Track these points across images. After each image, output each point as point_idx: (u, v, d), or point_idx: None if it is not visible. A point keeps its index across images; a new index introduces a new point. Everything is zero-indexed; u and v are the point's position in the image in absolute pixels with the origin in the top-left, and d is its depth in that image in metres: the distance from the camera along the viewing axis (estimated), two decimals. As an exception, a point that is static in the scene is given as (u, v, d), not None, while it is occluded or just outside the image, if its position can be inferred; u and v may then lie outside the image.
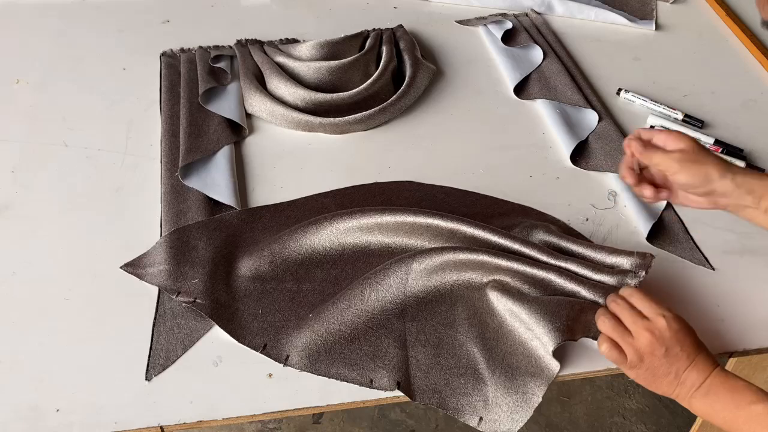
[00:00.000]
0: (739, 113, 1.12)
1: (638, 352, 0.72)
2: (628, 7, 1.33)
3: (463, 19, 1.29)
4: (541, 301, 0.77)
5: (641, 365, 0.72)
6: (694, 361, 0.71)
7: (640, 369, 0.72)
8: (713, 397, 0.70)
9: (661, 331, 0.72)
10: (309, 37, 1.21)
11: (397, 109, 1.09)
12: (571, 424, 1.57)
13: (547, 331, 0.75)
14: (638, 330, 0.72)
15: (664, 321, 0.72)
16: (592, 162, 1.02)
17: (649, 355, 0.71)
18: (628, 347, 0.72)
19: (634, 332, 0.73)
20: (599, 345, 0.74)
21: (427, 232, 0.87)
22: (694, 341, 0.73)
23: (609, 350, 0.73)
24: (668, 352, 0.71)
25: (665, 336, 0.71)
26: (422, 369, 0.78)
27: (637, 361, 0.72)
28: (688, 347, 0.72)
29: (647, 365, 0.72)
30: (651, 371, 0.72)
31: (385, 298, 0.82)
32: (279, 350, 0.79)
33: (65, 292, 0.84)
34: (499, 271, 0.82)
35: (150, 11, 1.28)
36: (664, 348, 0.71)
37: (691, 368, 0.71)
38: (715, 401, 0.70)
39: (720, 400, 0.70)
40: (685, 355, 0.71)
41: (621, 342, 0.73)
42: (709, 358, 0.72)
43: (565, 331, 0.74)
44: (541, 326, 0.75)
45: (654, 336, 0.71)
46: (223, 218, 0.91)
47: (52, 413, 0.73)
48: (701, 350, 0.73)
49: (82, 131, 1.05)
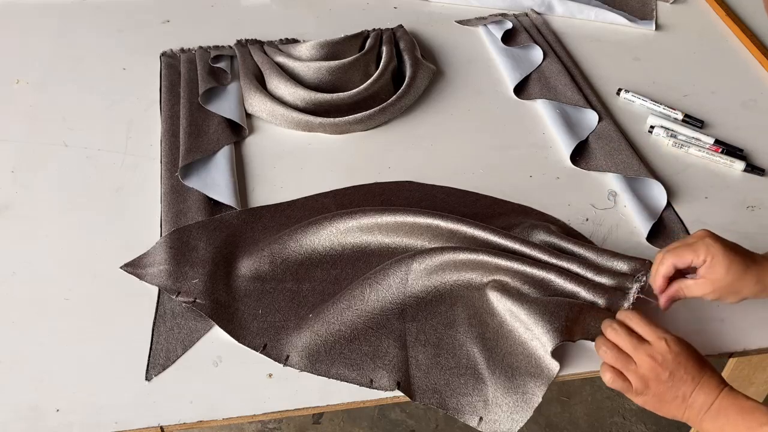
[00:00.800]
0: (739, 113, 1.12)
1: (642, 379, 0.71)
2: (628, 7, 1.33)
3: (463, 19, 1.29)
4: (541, 302, 0.77)
5: (647, 392, 0.71)
6: (699, 383, 0.70)
7: (646, 396, 0.71)
8: (723, 419, 0.69)
9: (662, 354, 0.71)
10: (309, 37, 1.21)
11: (397, 109, 1.09)
12: (571, 424, 1.57)
13: (546, 332, 0.75)
14: (640, 356, 0.71)
15: (664, 344, 0.71)
16: (592, 162, 1.02)
17: (654, 380, 0.70)
18: (632, 375, 0.71)
19: (636, 359, 0.72)
20: (602, 375, 0.74)
21: (427, 232, 0.87)
22: (697, 362, 0.71)
23: (613, 380, 0.72)
24: (672, 375, 0.70)
25: (667, 359, 0.70)
26: (422, 369, 0.78)
27: (642, 388, 0.71)
28: (692, 369, 0.70)
29: (653, 391, 0.71)
30: (658, 397, 0.71)
31: (385, 298, 0.82)
32: (279, 350, 0.79)
33: (65, 292, 0.84)
34: (499, 271, 0.82)
35: (150, 11, 1.28)
36: (667, 372, 0.70)
37: (698, 390, 0.70)
38: (725, 424, 0.69)
39: (730, 423, 0.68)
40: (690, 378, 0.70)
41: (625, 371, 0.72)
42: (715, 377, 0.71)
43: (563, 332, 0.74)
44: (540, 326, 0.75)
45: (656, 361, 0.70)
46: (223, 218, 0.91)
47: (52, 413, 0.73)
48: (706, 370, 0.71)
49: (82, 131, 1.05)
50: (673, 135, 1.06)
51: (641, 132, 1.08)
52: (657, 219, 0.94)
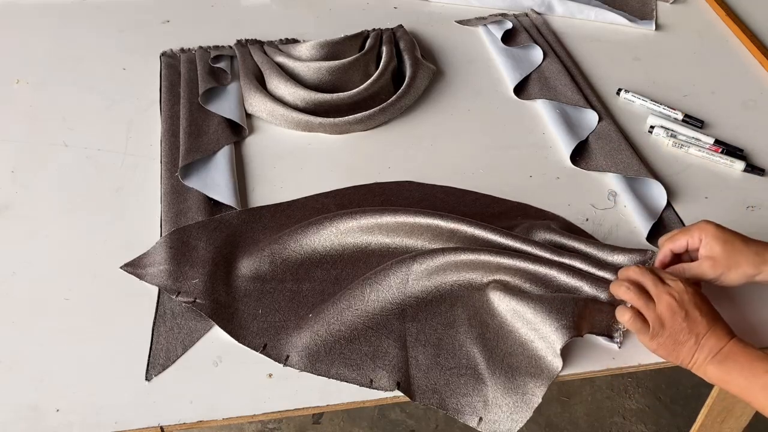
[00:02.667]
0: (739, 113, 1.12)
1: (660, 318, 0.73)
2: (628, 7, 1.33)
3: (463, 19, 1.29)
4: (546, 300, 0.77)
5: (663, 332, 0.73)
6: (713, 327, 0.73)
7: (661, 337, 0.73)
8: (731, 363, 0.71)
9: (680, 293, 0.73)
10: (309, 37, 1.21)
11: (397, 109, 1.09)
12: (571, 424, 1.57)
13: (554, 330, 0.75)
14: (659, 293, 0.74)
15: (681, 284, 0.74)
16: (592, 162, 1.02)
17: (671, 319, 0.73)
18: (650, 313, 0.74)
19: (656, 295, 0.74)
20: (621, 315, 0.76)
21: (427, 232, 0.87)
22: (711, 308, 0.74)
23: (632, 320, 0.75)
24: (688, 315, 0.73)
25: (685, 299, 0.73)
26: (422, 369, 0.78)
27: (659, 328, 0.73)
28: (707, 313, 0.73)
29: (669, 331, 0.73)
30: (672, 337, 0.73)
31: (385, 299, 0.82)
32: (279, 350, 0.79)
33: (65, 292, 0.84)
34: (500, 270, 0.82)
35: (150, 11, 1.28)
36: (684, 311, 0.73)
37: (710, 334, 0.72)
38: (732, 368, 0.71)
39: (737, 368, 0.71)
40: (705, 321, 0.73)
41: (644, 309, 0.74)
42: (726, 327, 0.74)
43: (573, 328, 0.74)
44: (548, 325, 0.75)
45: (675, 299, 0.73)
46: (224, 218, 0.91)
47: (52, 413, 0.73)
48: (718, 318, 0.74)
49: (82, 131, 1.05)
50: (673, 135, 1.06)
51: (641, 132, 1.08)
52: (657, 219, 0.94)
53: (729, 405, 1.01)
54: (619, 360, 0.79)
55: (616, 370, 0.79)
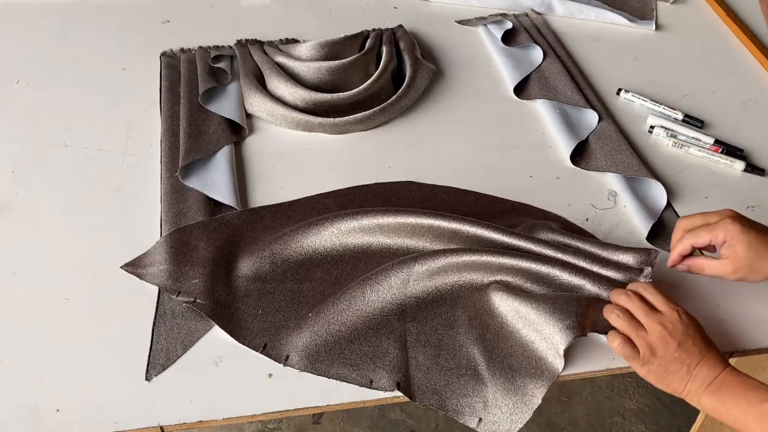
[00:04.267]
0: (739, 113, 1.12)
1: (651, 347, 0.72)
2: (628, 7, 1.33)
3: (463, 19, 1.29)
4: (549, 300, 0.77)
5: (654, 360, 0.72)
6: (705, 357, 0.71)
7: (652, 365, 0.72)
8: (724, 393, 0.70)
9: (673, 323, 0.72)
10: (309, 37, 1.21)
11: (397, 109, 1.09)
12: (571, 424, 1.57)
13: (558, 330, 0.74)
14: (651, 323, 0.73)
15: (676, 314, 0.73)
16: (592, 162, 1.02)
17: (662, 348, 0.72)
18: (641, 342, 0.73)
19: (647, 325, 0.73)
20: (611, 341, 0.74)
21: (428, 233, 0.87)
22: (704, 338, 0.73)
23: (622, 346, 0.73)
24: (680, 345, 0.71)
25: (678, 329, 0.72)
26: (422, 370, 0.78)
27: (649, 356, 0.72)
28: (699, 342, 0.72)
29: (660, 360, 0.72)
30: (663, 366, 0.72)
31: (385, 299, 0.82)
32: (279, 350, 0.79)
33: (65, 292, 0.84)
34: (501, 271, 0.82)
35: (150, 11, 1.28)
36: (676, 342, 0.71)
37: (702, 364, 0.71)
38: (726, 398, 0.70)
39: (731, 397, 0.69)
40: (697, 350, 0.71)
41: (634, 337, 0.73)
42: (720, 356, 0.73)
43: (577, 328, 0.74)
44: (551, 325, 0.75)
45: (666, 329, 0.72)
46: (224, 218, 0.91)
47: (52, 413, 0.73)
48: (712, 347, 0.73)
49: (82, 131, 1.05)
50: (673, 135, 1.06)
51: (641, 132, 1.08)
52: (657, 219, 0.94)
53: (729, 405, 1.01)
54: (619, 360, 0.79)
55: (616, 370, 0.79)
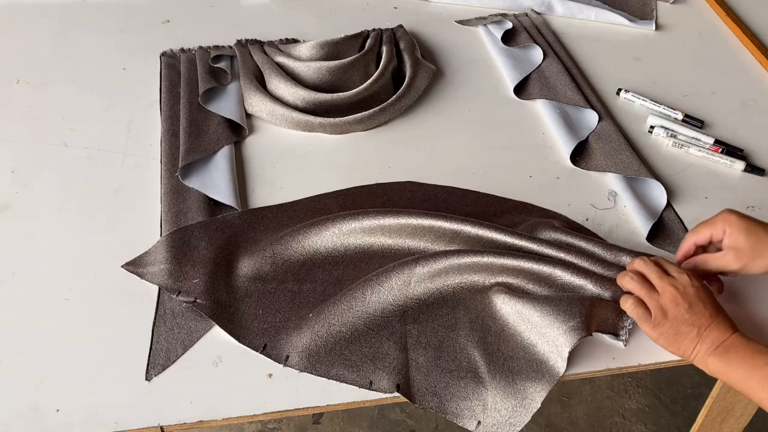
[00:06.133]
0: (739, 113, 1.12)
1: (663, 309, 0.74)
2: (628, 7, 1.33)
3: (463, 19, 1.29)
4: (552, 301, 0.77)
5: (665, 322, 0.74)
6: (715, 320, 0.73)
7: (663, 326, 0.74)
8: (732, 355, 0.71)
9: (685, 286, 0.74)
10: (309, 37, 1.21)
11: (397, 109, 1.09)
12: (571, 424, 1.57)
13: (563, 332, 0.74)
14: (663, 285, 0.74)
15: (687, 278, 0.75)
16: (592, 162, 1.02)
17: (674, 310, 0.73)
18: (653, 303, 0.74)
19: (659, 287, 0.75)
20: (623, 303, 0.76)
21: (430, 234, 0.87)
22: (715, 302, 0.75)
23: (634, 307, 0.75)
24: (691, 307, 0.73)
25: (689, 292, 0.74)
26: (422, 371, 0.78)
27: (661, 317, 0.74)
28: (710, 306, 0.74)
29: (671, 321, 0.73)
30: (674, 328, 0.73)
31: (386, 300, 0.82)
32: (279, 350, 0.79)
33: (65, 292, 0.84)
34: (503, 272, 0.82)
35: (150, 11, 1.28)
36: (687, 303, 0.73)
37: (712, 327, 0.73)
38: (732, 360, 0.71)
39: (738, 359, 0.71)
40: (708, 313, 0.73)
41: (646, 298, 0.75)
42: (729, 321, 0.74)
43: (582, 329, 0.74)
44: (555, 328, 0.75)
45: (678, 291, 0.74)
46: (225, 218, 0.91)
47: (52, 413, 0.73)
48: (721, 312, 0.74)
49: (82, 131, 1.05)
50: (673, 135, 1.06)
51: (641, 132, 1.08)
52: (657, 219, 0.94)
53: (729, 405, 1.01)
54: (619, 360, 0.79)
55: (616, 370, 0.79)
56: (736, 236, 0.78)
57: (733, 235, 0.78)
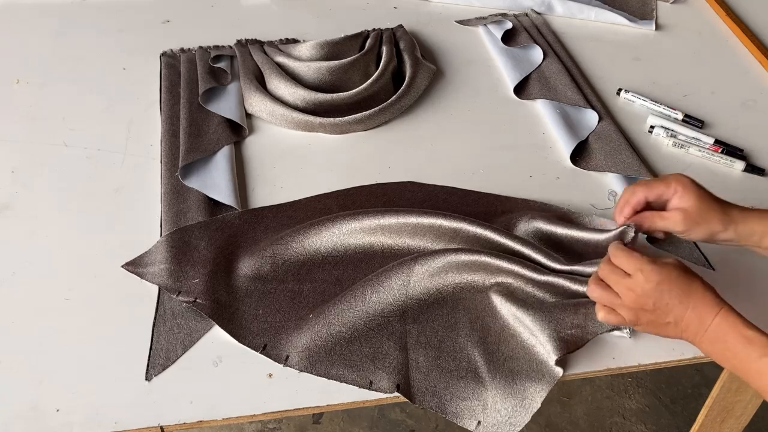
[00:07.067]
0: (739, 113, 1.12)
1: (631, 311, 0.72)
2: (628, 7, 1.33)
3: (463, 19, 1.29)
4: (546, 308, 0.77)
5: (639, 321, 0.73)
6: (689, 306, 0.70)
7: (641, 325, 0.73)
8: (722, 345, 0.69)
9: (641, 286, 0.71)
10: (309, 37, 1.21)
11: (397, 109, 1.09)
12: (571, 424, 1.57)
13: (551, 339, 0.75)
14: (622, 291, 0.72)
15: (642, 276, 0.71)
16: (592, 162, 1.02)
17: (640, 311, 0.72)
18: (621, 309, 0.73)
19: (619, 292, 0.73)
20: (597, 314, 0.75)
21: (429, 233, 0.87)
22: (681, 286, 0.70)
23: (606, 316, 0.74)
24: (656, 304, 0.71)
25: (646, 290, 0.71)
26: (422, 371, 0.78)
27: (634, 318, 0.72)
28: (676, 294, 0.70)
29: (645, 320, 0.72)
30: (651, 324, 0.72)
31: (386, 300, 0.82)
32: (279, 350, 0.79)
33: (65, 292, 0.84)
34: (501, 273, 0.82)
35: (150, 11, 1.28)
36: (650, 301, 0.71)
37: (690, 313, 0.70)
38: (725, 350, 0.69)
39: (729, 350, 0.69)
40: (676, 302, 0.70)
41: (613, 306, 0.73)
42: (708, 298, 0.70)
43: (569, 341, 0.75)
44: (546, 334, 0.76)
45: (636, 293, 0.71)
46: (226, 219, 0.91)
47: (52, 413, 0.73)
48: (693, 293, 0.70)
49: (82, 131, 1.05)
50: (673, 135, 1.06)
51: (641, 132, 1.08)
52: (657, 219, 0.94)
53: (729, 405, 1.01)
54: (619, 360, 0.79)
55: (616, 370, 0.79)
56: (687, 198, 0.77)
57: (684, 197, 0.77)
